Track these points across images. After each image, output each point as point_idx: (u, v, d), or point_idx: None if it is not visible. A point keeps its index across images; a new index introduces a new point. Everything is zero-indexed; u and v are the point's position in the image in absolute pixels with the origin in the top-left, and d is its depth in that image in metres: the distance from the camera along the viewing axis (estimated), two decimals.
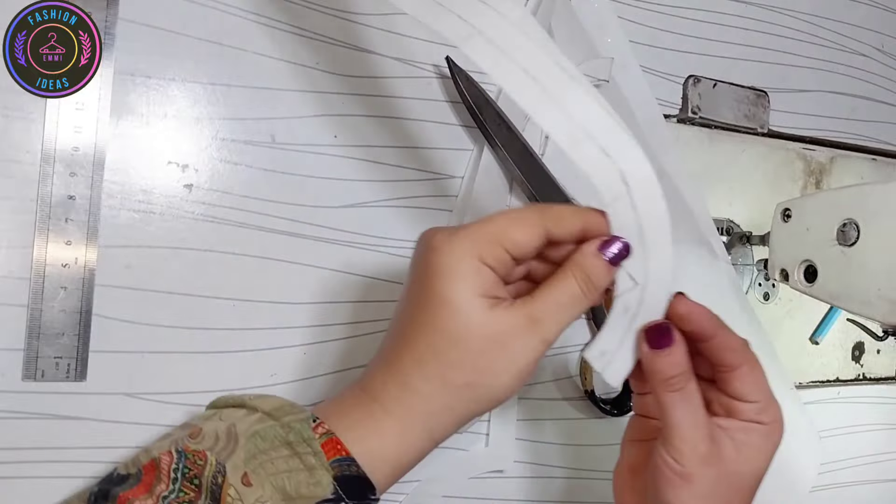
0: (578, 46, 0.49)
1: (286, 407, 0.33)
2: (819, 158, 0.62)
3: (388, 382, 0.32)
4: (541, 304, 0.32)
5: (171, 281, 0.40)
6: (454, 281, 0.31)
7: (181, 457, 0.31)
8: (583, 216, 0.33)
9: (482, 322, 0.31)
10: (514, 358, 0.32)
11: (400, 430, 0.32)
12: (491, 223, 0.33)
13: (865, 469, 0.63)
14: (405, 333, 0.33)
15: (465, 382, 0.32)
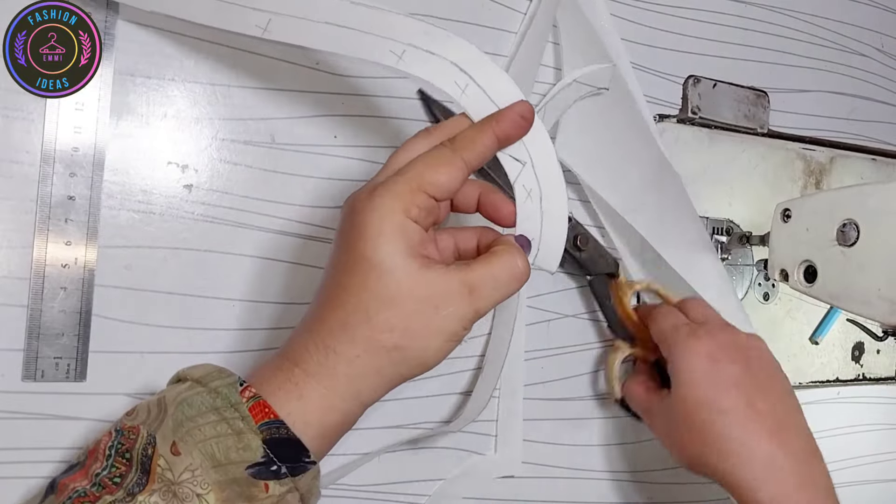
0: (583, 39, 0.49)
1: (214, 373, 0.32)
2: (819, 158, 0.62)
3: (309, 347, 0.32)
4: (478, 273, 0.32)
5: (171, 281, 0.40)
6: (381, 241, 0.31)
7: (118, 434, 0.31)
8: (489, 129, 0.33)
9: (415, 283, 0.31)
10: (446, 323, 0.32)
11: (322, 393, 0.31)
12: (409, 170, 0.32)
13: (865, 469, 0.63)
14: (330, 298, 0.32)
15: (394, 345, 0.31)
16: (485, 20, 0.48)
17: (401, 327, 0.31)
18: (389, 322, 0.31)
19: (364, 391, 0.32)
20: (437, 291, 0.31)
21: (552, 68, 0.50)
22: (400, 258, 0.31)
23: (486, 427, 0.48)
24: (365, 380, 0.32)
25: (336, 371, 0.31)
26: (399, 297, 0.31)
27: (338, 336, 0.31)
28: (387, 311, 0.31)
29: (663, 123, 0.54)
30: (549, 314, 0.50)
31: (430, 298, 0.31)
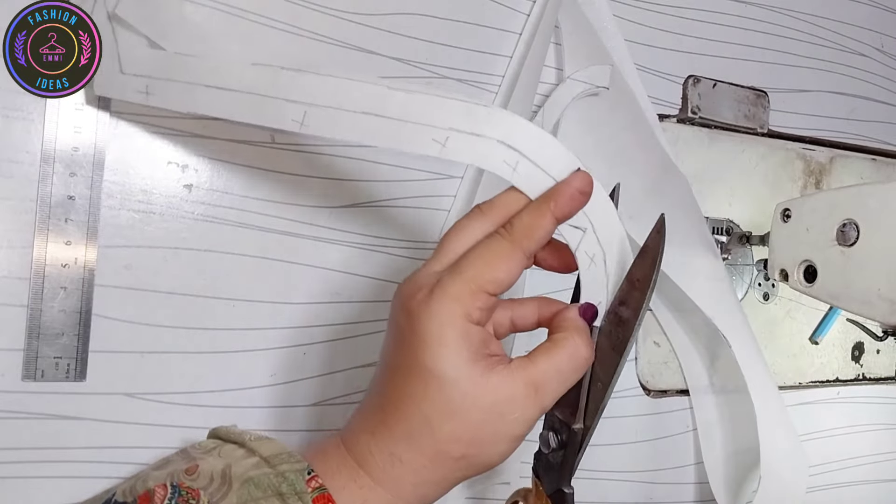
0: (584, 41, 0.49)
1: (284, 455, 0.32)
2: (819, 158, 0.62)
3: (374, 452, 0.31)
4: (542, 369, 0.31)
5: (170, 281, 0.40)
6: (443, 351, 0.29)
7: (175, 492, 0.31)
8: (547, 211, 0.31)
9: (479, 393, 0.30)
10: (513, 427, 0.31)
11: (388, 500, 0.31)
12: (467, 269, 0.30)
13: (865, 469, 0.63)
14: (392, 402, 0.31)
15: (461, 455, 0.30)
16: (486, 20, 0.48)
17: (467, 438, 0.30)
18: (455, 434, 0.30)
19: (430, 495, 0.32)
20: (502, 398, 0.30)
21: (553, 68, 0.50)
22: (463, 367, 0.30)
23: None
24: (431, 486, 0.31)
25: (402, 480, 0.31)
26: (464, 409, 0.30)
27: (403, 446, 0.31)
28: (451, 423, 0.30)
29: (663, 123, 0.54)
30: None
31: (495, 406, 0.30)
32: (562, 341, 0.31)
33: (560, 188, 0.31)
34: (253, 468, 0.31)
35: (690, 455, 0.55)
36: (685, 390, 0.55)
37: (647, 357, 0.54)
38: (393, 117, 0.31)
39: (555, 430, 0.34)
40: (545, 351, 0.31)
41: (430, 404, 0.30)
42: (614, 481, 0.52)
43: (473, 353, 0.30)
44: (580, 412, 0.33)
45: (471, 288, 0.30)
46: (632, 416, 0.53)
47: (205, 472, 0.32)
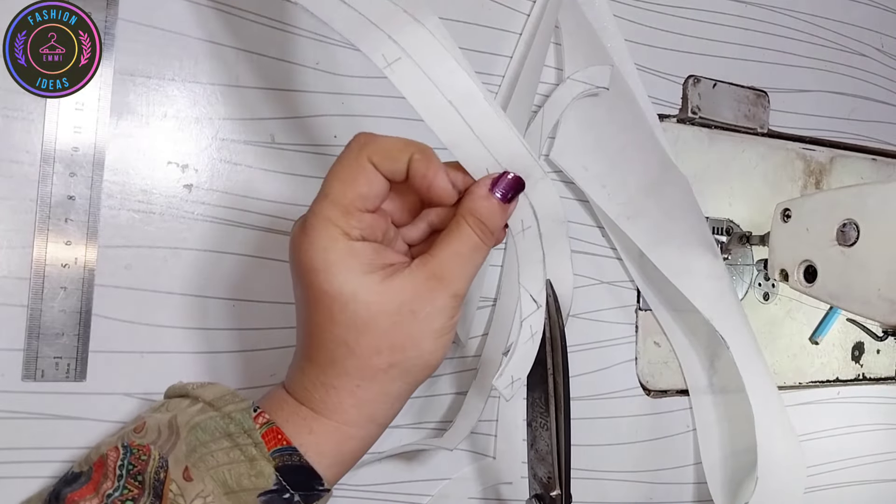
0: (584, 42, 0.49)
1: (227, 396, 0.32)
2: (819, 158, 0.62)
3: (307, 386, 0.31)
4: (440, 259, 0.31)
5: (170, 281, 0.40)
6: (331, 272, 0.29)
7: (127, 452, 0.31)
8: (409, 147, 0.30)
9: (381, 298, 0.30)
10: (429, 321, 0.30)
11: (335, 426, 0.31)
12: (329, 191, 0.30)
13: (865, 469, 0.63)
14: (310, 335, 0.31)
15: (388, 364, 0.30)
16: (486, 20, 0.48)
17: (386, 346, 0.30)
18: (373, 345, 0.30)
19: (377, 413, 0.31)
20: (406, 297, 0.30)
21: (553, 68, 0.50)
22: (357, 281, 0.30)
23: (486, 427, 0.48)
24: (374, 404, 0.31)
25: (342, 405, 0.31)
26: (371, 318, 0.30)
27: (330, 372, 0.31)
28: (366, 336, 0.30)
29: (663, 123, 0.54)
30: None
31: (402, 307, 0.30)
32: (454, 225, 0.31)
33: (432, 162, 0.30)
34: (198, 413, 0.31)
35: (690, 455, 0.55)
36: (685, 390, 0.55)
37: (647, 357, 0.54)
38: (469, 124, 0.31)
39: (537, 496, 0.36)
40: (441, 240, 0.31)
41: (339, 326, 0.30)
42: (614, 481, 0.52)
43: (365, 265, 0.30)
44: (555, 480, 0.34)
45: (338, 209, 0.30)
46: (632, 416, 0.53)
47: (152, 427, 0.31)
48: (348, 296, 0.29)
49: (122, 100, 0.39)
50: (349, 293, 0.29)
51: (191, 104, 0.41)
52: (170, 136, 0.40)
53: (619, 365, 0.53)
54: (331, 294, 0.30)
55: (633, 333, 0.54)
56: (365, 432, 0.32)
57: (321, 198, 0.31)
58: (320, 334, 0.30)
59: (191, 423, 0.31)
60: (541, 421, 0.34)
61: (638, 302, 0.54)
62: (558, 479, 0.34)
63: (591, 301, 0.52)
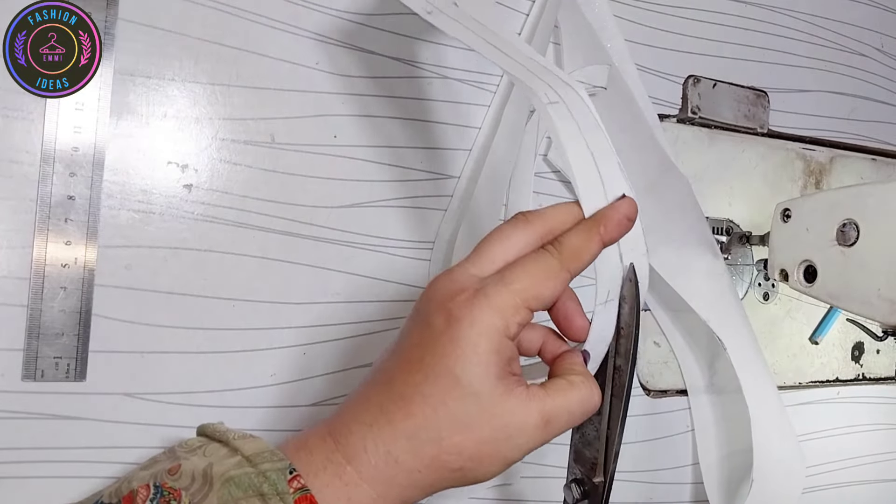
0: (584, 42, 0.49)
1: (266, 454, 0.31)
2: (819, 158, 0.62)
3: (368, 447, 0.30)
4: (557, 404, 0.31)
5: (170, 281, 0.40)
6: (474, 362, 0.29)
7: (158, 493, 0.30)
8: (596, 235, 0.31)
9: (496, 411, 0.29)
10: (514, 452, 0.30)
11: (373, 499, 0.30)
12: (515, 282, 0.30)
13: (865, 469, 0.63)
14: (402, 398, 0.30)
15: (459, 467, 0.30)
16: None
17: (469, 453, 0.30)
18: (461, 446, 0.29)
19: (413, 497, 0.31)
20: (515, 421, 0.30)
21: None
22: (488, 383, 0.29)
23: None
24: (418, 490, 0.30)
25: (392, 480, 0.30)
26: (476, 424, 0.29)
27: (403, 445, 0.30)
28: (461, 435, 0.29)
29: (663, 123, 0.54)
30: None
31: (505, 428, 0.30)
32: (579, 384, 0.32)
33: (608, 212, 0.32)
34: (235, 467, 0.31)
35: (690, 455, 0.55)
36: (685, 390, 0.55)
37: (647, 357, 0.54)
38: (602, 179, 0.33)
39: (577, 481, 0.35)
40: (562, 388, 0.31)
41: (445, 411, 0.29)
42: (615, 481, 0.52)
43: (501, 369, 0.30)
44: (599, 466, 0.34)
45: (516, 302, 0.30)
46: (632, 416, 0.53)
47: (186, 471, 0.31)
48: (473, 391, 0.29)
49: (122, 100, 0.39)
50: (475, 390, 0.29)
51: (191, 104, 0.41)
52: (170, 136, 0.40)
53: None
54: (460, 380, 0.29)
55: None
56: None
57: (501, 282, 0.30)
58: (419, 406, 0.30)
59: (225, 476, 0.30)
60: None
61: None
62: (603, 466, 0.34)
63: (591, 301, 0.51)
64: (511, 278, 0.30)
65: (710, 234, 0.51)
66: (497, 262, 0.31)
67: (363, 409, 0.31)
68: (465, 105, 0.48)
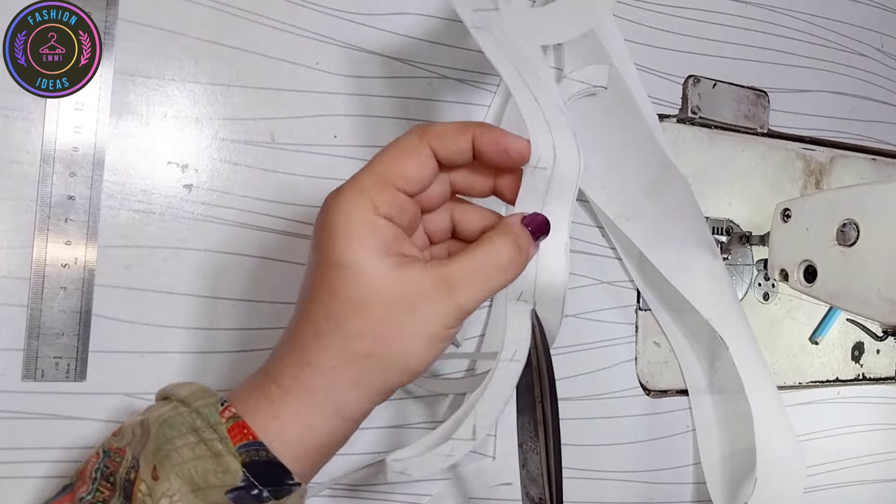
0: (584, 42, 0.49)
1: (198, 392, 0.31)
2: (819, 158, 0.62)
3: (286, 360, 0.30)
4: (460, 267, 0.30)
5: (170, 281, 0.40)
6: (348, 240, 0.29)
7: (105, 456, 0.30)
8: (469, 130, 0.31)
9: (386, 284, 0.29)
10: (424, 323, 0.29)
11: (300, 410, 0.30)
12: (375, 163, 0.30)
13: (865, 469, 0.63)
14: (305, 306, 0.30)
15: (369, 352, 0.29)
16: None
17: (374, 333, 0.29)
18: (361, 328, 0.29)
19: (343, 405, 0.30)
20: (411, 291, 0.29)
21: (553, 68, 0.50)
22: (370, 258, 0.29)
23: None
24: (344, 392, 0.30)
25: (312, 385, 0.30)
26: (369, 301, 0.29)
27: (311, 346, 0.30)
28: (357, 317, 0.29)
29: (663, 123, 0.54)
30: None
31: (403, 299, 0.29)
32: (484, 241, 0.31)
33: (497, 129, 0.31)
34: (169, 410, 0.30)
35: (690, 455, 0.55)
36: (685, 390, 0.55)
37: (647, 357, 0.54)
38: None
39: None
40: (468, 250, 0.31)
41: (336, 299, 0.29)
42: (614, 481, 0.52)
43: (382, 245, 0.29)
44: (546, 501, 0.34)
45: (377, 180, 0.30)
46: (632, 416, 0.53)
47: (127, 428, 0.31)
48: (355, 270, 0.29)
49: (122, 100, 0.39)
50: (357, 268, 0.29)
51: (191, 104, 0.41)
52: (170, 136, 0.40)
53: (619, 365, 0.53)
54: (339, 263, 0.29)
55: (633, 333, 0.54)
56: (330, 424, 0.30)
57: (363, 169, 0.31)
58: (315, 304, 0.30)
59: (160, 421, 0.30)
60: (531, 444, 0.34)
61: (638, 302, 0.54)
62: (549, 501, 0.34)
63: (591, 301, 0.52)
64: (373, 161, 0.31)
65: (710, 235, 0.51)
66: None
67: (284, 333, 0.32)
68: (465, 105, 0.48)
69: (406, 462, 0.32)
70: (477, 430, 0.32)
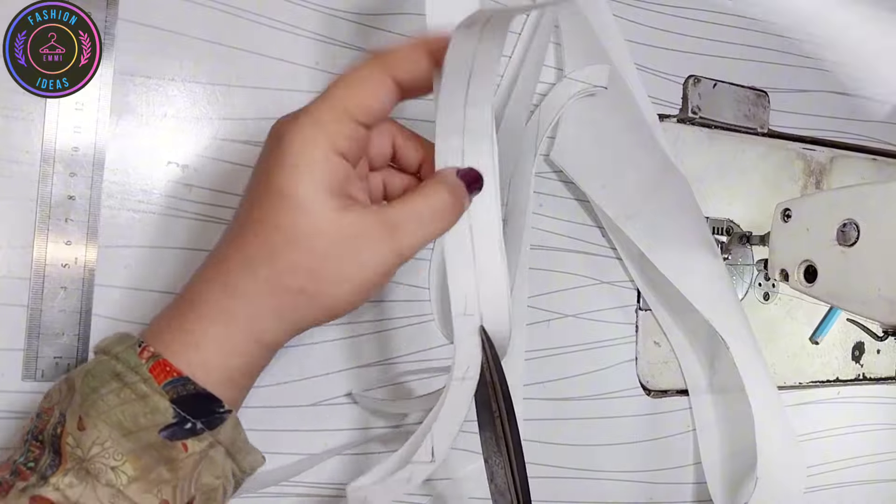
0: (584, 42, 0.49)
1: (116, 339, 0.30)
2: (819, 158, 0.62)
3: (209, 285, 0.30)
4: (400, 212, 0.30)
5: (171, 281, 0.40)
6: (299, 173, 0.28)
7: (37, 417, 0.30)
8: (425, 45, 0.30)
9: (329, 222, 0.28)
10: (361, 266, 0.29)
11: (221, 334, 0.29)
12: (333, 94, 0.29)
13: (865, 469, 0.63)
14: (237, 232, 0.30)
15: (299, 288, 0.29)
16: None
17: (307, 269, 0.29)
18: (295, 263, 0.28)
19: (264, 333, 0.30)
20: (352, 233, 0.29)
21: (554, 68, 0.50)
22: (318, 195, 0.28)
23: None
24: (265, 321, 0.29)
25: (234, 311, 0.29)
26: (309, 238, 0.28)
27: (239, 273, 0.29)
28: (294, 251, 0.28)
29: (663, 123, 0.54)
30: (550, 314, 0.50)
31: (343, 241, 0.28)
32: (426, 187, 0.31)
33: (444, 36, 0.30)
34: (92, 363, 0.30)
35: (690, 455, 0.55)
36: (685, 390, 0.55)
37: (647, 357, 0.54)
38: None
39: None
40: (407, 196, 0.31)
41: (274, 229, 0.28)
42: (614, 481, 0.52)
43: (331, 184, 0.29)
44: None
45: (336, 115, 0.29)
46: (632, 416, 0.53)
47: (54, 389, 0.31)
48: (301, 204, 0.28)
49: (122, 100, 0.39)
50: (303, 202, 0.28)
51: (191, 104, 0.41)
52: (170, 136, 0.40)
53: (619, 365, 0.53)
54: (285, 195, 0.28)
55: (633, 333, 0.54)
56: (249, 349, 0.30)
57: (319, 99, 0.29)
58: (251, 231, 0.29)
59: (82, 373, 0.29)
60: (496, 459, 0.34)
61: (638, 302, 0.54)
62: None
63: (591, 301, 0.52)
64: (330, 91, 0.30)
65: (710, 235, 0.51)
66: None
67: (207, 259, 0.31)
68: None
69: (367, 490, 0.32)
70: (435, 451, 0.32)
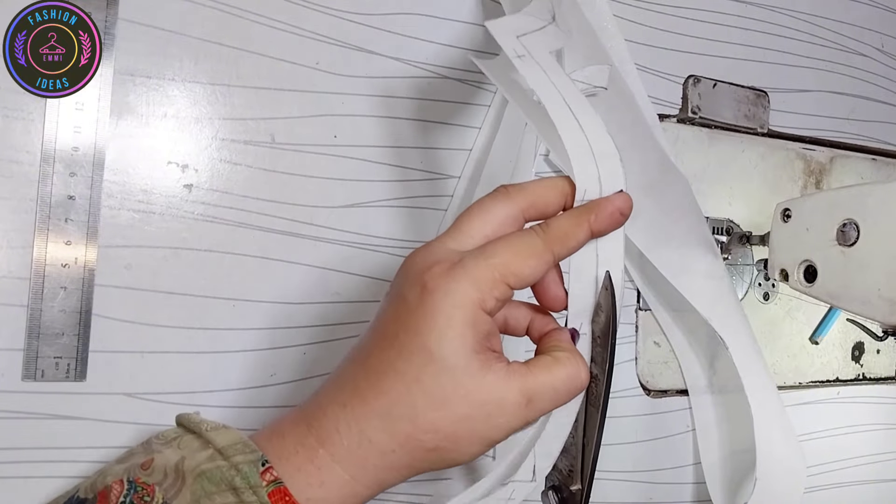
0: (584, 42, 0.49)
1: (238, 445, 0.30)
2: (819, 158, 0.62)
3: (341, 428, 0.29)
4: (540, 381, 0.30)
5: (170, 281, 0.40)
6: (449, 335, 0.28)
7: (132, 488, 0.30)
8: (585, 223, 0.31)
9: (472, 387, 0.28)
10: (494, 428, 0.29)
11: (347, 480, 0.29)
12: (494, 256, 0.29)
13: (865, 469, 0.63)
14: (376, 375, 0.29)
15: (434, 446, 0.29)
16: None
17: (446, 431, 0.29)
18: (436, 424, 0.29)
19: (388, 482, 0.30)
20: (493, 399, 0.29)
21: None
22: (464, 357, 0.28)
23: None
24: (393, 472, 0.30)
25: (366, 462, 0.29)
26: (452, 400, 0.28)
27: (376, 424, 0.29)
28: (435, 413, 0.28)
29: (663, 123, 0.54)
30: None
31: (484, 405, 0.29)
32: (564, 360, 0.31)
33: (602, 202, 0.31)
34: (207, 461, 0.30)
35: (690, 455, 0.55)
36: (685, 390, 0.55)
37: (647, 357, 0.54)
38: None
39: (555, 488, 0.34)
40: (546, 365, 0.30)
41: (419, 387, 0.28)
42: (614, 481, 0.52)
43: (478, 343, 0.29)
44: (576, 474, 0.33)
45: (494, 276, 0.29)
46: (632, 416, 0.53)
47: (159, 466, 0.30)
48: (447, 366, 0.28)
49: (122, 100, 0.39)
50: (450, 364, 0.28)
51: (191, 104, 0.41)
52: (170, 136, 0.40)
53: (619, 365, 0.53)
54: (434, 355, 0.28)
55: (633, 333, 0.54)
56: (370, 494, 0.30)
57: (478, 255, 0.29)
58: (393, 383, 0.29)
59: (198, 471, 0.29)
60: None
61: (638, 302, 0.54)
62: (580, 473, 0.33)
63: None
64: (491, 252, 0.30)
65: (710, 235, 0.51)
66: (476, 236, 0.31)
67: (338, 389, 0.30)
68: (465, 105, 0.48)
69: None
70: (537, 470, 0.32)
